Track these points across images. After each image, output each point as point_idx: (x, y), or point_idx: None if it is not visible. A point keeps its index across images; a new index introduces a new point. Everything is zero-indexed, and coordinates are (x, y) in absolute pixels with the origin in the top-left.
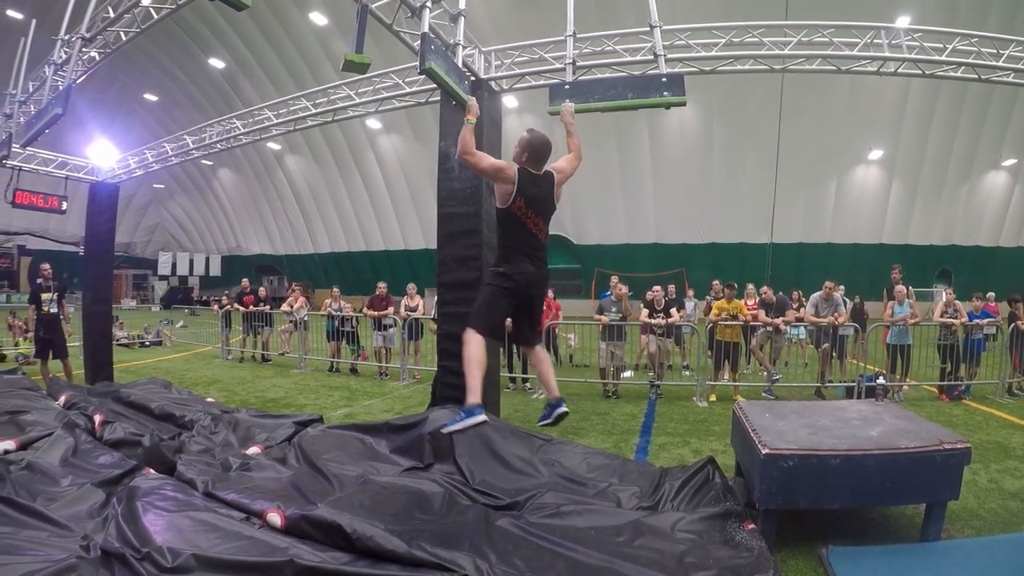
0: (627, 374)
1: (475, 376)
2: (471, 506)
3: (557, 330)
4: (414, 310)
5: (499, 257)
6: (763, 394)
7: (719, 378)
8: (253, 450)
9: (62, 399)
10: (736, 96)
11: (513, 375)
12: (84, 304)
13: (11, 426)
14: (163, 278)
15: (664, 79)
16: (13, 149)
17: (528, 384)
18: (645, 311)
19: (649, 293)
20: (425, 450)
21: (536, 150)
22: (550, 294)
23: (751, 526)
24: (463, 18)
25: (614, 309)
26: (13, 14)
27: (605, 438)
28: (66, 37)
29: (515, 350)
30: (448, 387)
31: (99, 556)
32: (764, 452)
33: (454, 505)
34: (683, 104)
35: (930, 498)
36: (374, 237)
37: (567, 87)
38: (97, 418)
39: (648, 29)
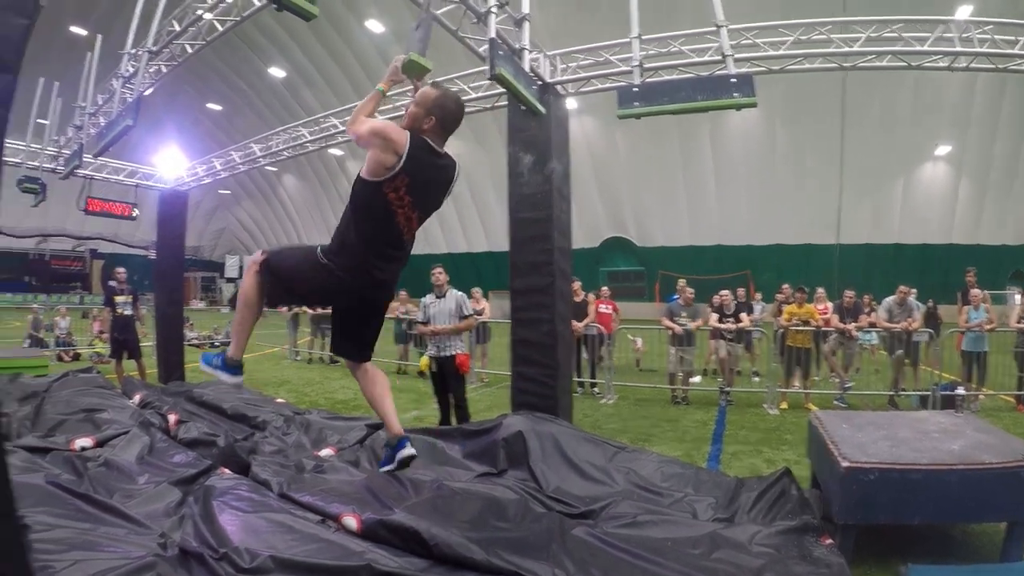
0: (695, 379)
1: (238, 323)
2: (546, 514)
3: (613, 334)
4: (480, 313)
5: (333, 244)
6: (834, 402)
7: (790, 385)
8: (326, 452)
9: (137, 398)
10: (798, 94)
11: (581, 379)
12: (157, 306)
13: (88, 424)
14: (230, 280)
15: (733, 80)
16: (85, 159)
17: (596, 389)
18: (714, 316)
19: (716, 297)
20: (499, 456)
21: (448, 115)
22: (605, 291)
23: (829, 541)
24: (527, 22)
25: (684, 314)
26: (77, 30)
27: (676, 445)
28: (133, 51)
29: (582, 352)
30: (523, 393)
31: (177, 554)
32: (844, 465)
33: (529, 512)
34: (754, 105)
35: (1012, 516)
36: (437, 240)
37: (635, 90)
38: (171, 417)
39: (714, 29)
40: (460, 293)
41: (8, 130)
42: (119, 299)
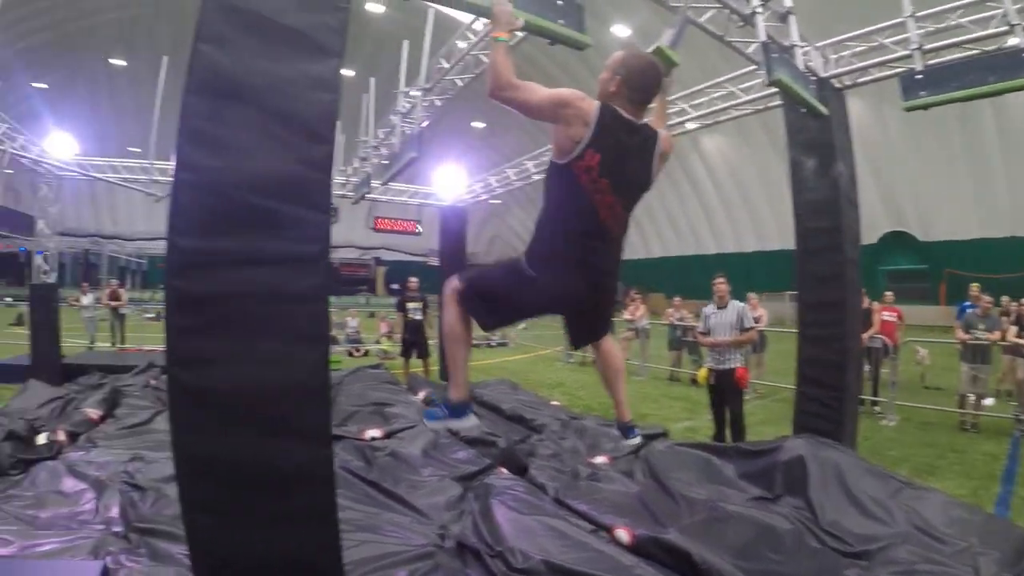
0: (988, 402)
1: (451, 359)
2: (820, 549)
3: (898, 345)
4: (758, 321)
5: (532, 248)
6: None
7: None
8: (600, 460)
9: (421, 394)
10: None
11: (861, 397)
12: (440, 309)
13: (377, 416)
14: None
15: None
16: (372, 185)
17: (877, 408)
18: (1013, 328)
19: (1013, 305)
20: (776, 480)
21: (636, 75)
22: (889, 296)
23: None
24: (793, 16)
25: (982, 326)
26: (345, 72)
27: (962, 482)
28: (407, 90)
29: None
30: (807, 415)
31: (454, 547)
32: None
33: (803, 546)
34: None
35: None
36: (706, 241)
37: (919, 77)
38: None
39: None
40: (742, 305)
41: None
42: (410, 305)
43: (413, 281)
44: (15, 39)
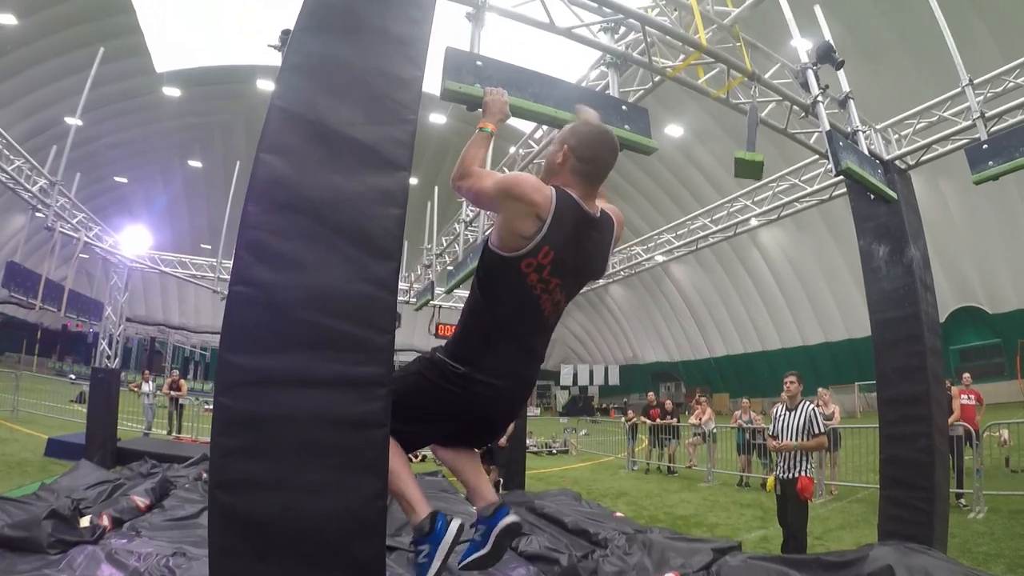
0: None
1: (399, 484)
2: None
3: (980, 430)
4: (830, 419)
5: (458, 342)
6: None
7: None
8: None
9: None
10: None
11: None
12: None
13: None
14: (564, 388)
15: None
16: (435, 291)
17: (962, 500)
18: None
19: None
20: None
21: (589, 146)
22: (967, 378)
23: None
24: (852, 100)
25: None
26: (411, 180)
27: None
28: None
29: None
30: (892, 520)
31: None
32: None
33: None
34: None
35: None
36: (769, 336)
37: (986, 147)
38: None
39: None
40: (812, 407)
41: None
42: None
43: None
44: (102, 135)
